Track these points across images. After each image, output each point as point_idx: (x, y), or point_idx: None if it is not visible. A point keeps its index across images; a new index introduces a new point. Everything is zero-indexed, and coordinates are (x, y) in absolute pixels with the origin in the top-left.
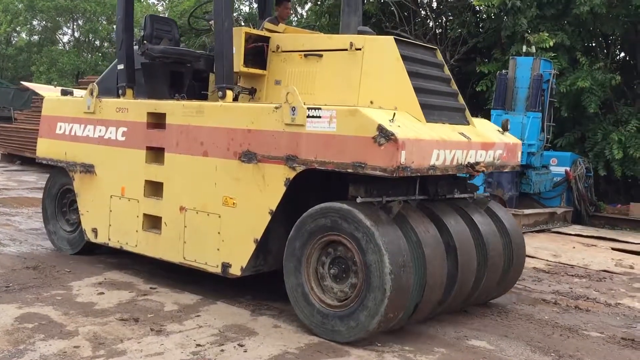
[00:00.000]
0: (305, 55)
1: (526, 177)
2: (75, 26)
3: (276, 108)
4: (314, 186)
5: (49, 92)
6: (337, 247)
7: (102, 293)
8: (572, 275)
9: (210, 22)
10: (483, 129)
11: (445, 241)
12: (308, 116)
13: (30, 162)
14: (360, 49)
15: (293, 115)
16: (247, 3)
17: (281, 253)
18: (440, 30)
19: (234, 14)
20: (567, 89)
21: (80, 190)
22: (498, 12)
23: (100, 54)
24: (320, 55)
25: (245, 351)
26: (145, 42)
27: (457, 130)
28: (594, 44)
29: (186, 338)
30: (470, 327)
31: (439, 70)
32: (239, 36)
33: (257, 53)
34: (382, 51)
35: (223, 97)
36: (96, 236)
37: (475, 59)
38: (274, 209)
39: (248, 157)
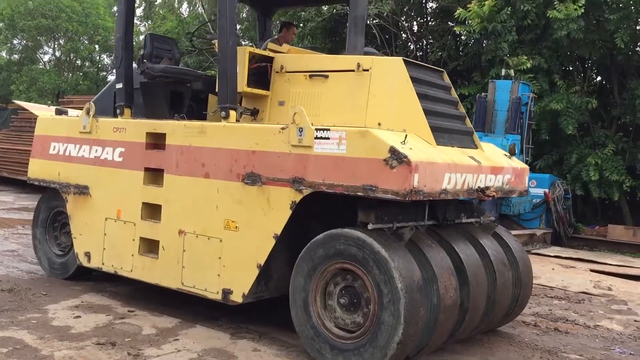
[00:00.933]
0: (311, 76)
1: (506, 199)
2: (56, 45)
3: (282, 129)
4: (316, 209)
5: (42, 112)
6: (357, 280)
7: (79, 316)
8: (552, 297)
9: (212, 41)
10: (491, 153)
11: (462, 287)
12: (316, 137)
13: (7, 182)
14: (367, 70)
15: (300, 136)
16: None
17: (283, 279)
18: (420, 53)
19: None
20: (541, 109)
21: (73, 213)
22: (479, 36)
23: (81, 74)
24: (326, 76)
25: None
26: (145, 60)
27: (466, 153)
28: (571, 68)
29: None
30: (452, 350)
31: (446, 92)
32: (242, 56)
33: (260, 73)
34: (390, 72)
35: (226, 117)
36: (89, 260)
37: (456, 82)
38: (278, 233)
39: (252, 179)
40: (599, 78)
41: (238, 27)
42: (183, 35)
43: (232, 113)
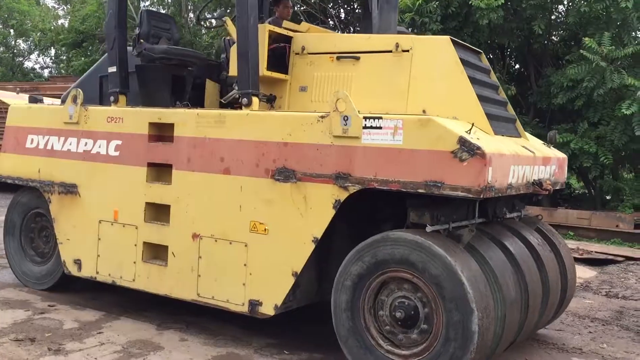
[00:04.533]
0: (338, 58)
1: None
2: None
3: (322, 117)
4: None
5: (13, 99)
6: (417, 292)
7: None
8: None
9: (223, 19)
10: (534, 141)
11: (523, 286)
12: (365, 127)
13: None
14: (407, 51)
15: (345, 125)
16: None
17: (310, 286)
18: None
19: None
20: None
21: (58, 215)
22: (406, 26)
23: None
24: (357, 58)
25: None
26: (142, 41)
27: (518, 143)
28: (491, 56)
29: (87, 356)
30: None
31: (486, 75)
32: (261, 35)
33: (278, 55)
34: (435, 53)
35: (248, 104)
36: (80, 269)
37: None
38: (319, 236)
39: (284, 175)
40: (517, 66)
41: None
42: (104, 20)
43: (255, 100)
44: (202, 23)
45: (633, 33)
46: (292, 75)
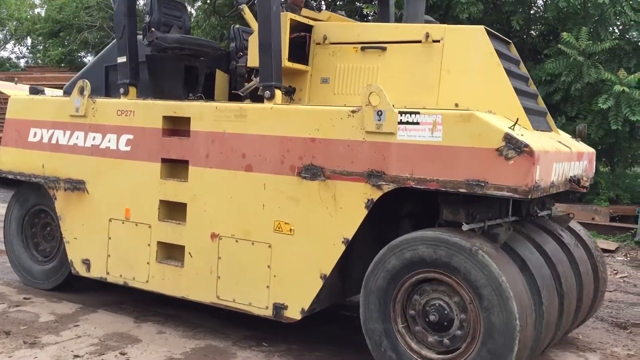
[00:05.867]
0: (363, 49)
1: None
2: None
3: (353, 112)
4: None
5: (12, 90)
6: (462, 313)
7: None
8: None
9: (240, 7)
10: (564, 136)
11: (559, 293)
12: (400, 122)
13: None
14: (438, 41)
15: (379, 120)
16: None
17: (333, 287)
18: None
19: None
20: None
21: (64, 212)
22: None
23: None
24: (384, 49)
25: (128, 359)
26: (153, 29)
27: (553, 138)
28: None
29: (63, 349)
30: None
31: (517, 67)
32: (282, 24)
33: (298, 45)
34: (469, 44)
35: (271, 97)
36: (88, 269)
37: None
38: (350, 237)
39: (312, 172)
40: None
41: None
42: (81, 9)
43: (278, 93)
44: (217, 12)
45: (610, 28)
46: (313, 66)
